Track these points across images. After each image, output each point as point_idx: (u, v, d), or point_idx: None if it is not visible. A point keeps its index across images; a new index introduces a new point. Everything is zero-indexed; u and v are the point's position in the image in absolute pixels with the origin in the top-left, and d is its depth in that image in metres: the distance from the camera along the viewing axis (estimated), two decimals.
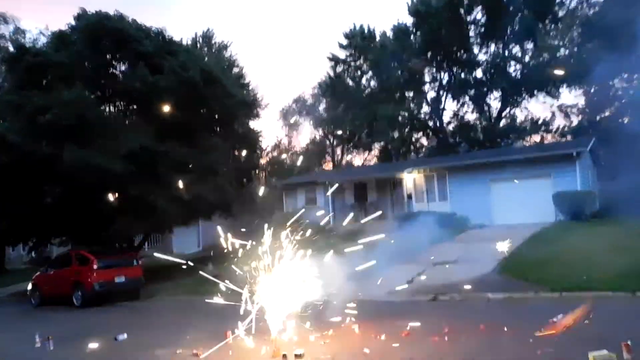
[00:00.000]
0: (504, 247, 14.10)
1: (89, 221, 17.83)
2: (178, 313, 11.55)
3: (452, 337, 6.92)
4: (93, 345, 8.41)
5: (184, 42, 28.14)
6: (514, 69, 33.33)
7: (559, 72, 27.80)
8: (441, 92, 34.88)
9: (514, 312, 8.51)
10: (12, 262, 34.70)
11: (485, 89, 33.23)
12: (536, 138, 34.12)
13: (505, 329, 7.00)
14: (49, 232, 19.39)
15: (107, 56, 20.69)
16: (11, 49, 26.94)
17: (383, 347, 6.86)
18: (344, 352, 6.54)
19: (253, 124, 27.40)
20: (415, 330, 7.49)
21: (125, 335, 8.93)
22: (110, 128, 18.80)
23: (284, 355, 6.64)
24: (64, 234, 19.91)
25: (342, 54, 35.27)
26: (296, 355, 6.59)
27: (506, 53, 32.87)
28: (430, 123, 35.69)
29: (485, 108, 34.24)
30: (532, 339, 6.44)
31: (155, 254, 13.74)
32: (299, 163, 38.85)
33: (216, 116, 22.15)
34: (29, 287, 17.00)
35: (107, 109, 20.90)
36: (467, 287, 10.74)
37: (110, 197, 16.74)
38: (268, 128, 64.15)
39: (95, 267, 14.85)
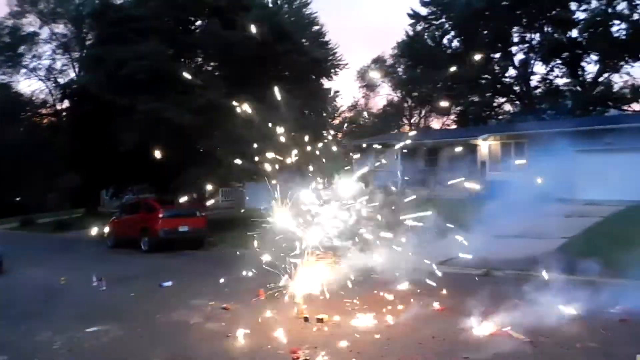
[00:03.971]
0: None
1: (160, 171, 18.70)
2: (229, 265, 11.81)
3: (489, 316, 6.45)
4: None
5: None
6: (617, 28, 29.83)
7: None
8: (530, 55, 32.23)
9: (564, 294, 7.74)
10: (105, 206, 37.92)
11: (580, 52, 30.19)
12: (637, 107, 30.77)
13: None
14: (126, 179, 20.66)
15: (183, 11, 21.10)
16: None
17: (408, 320, 6.55)
18: (369, 319, 6.32)
19: (328, 84, 27.11)
20: (452, 306, 7.08)
21: (170, 283, 9.34)
22: (182, 82, 19.33)
23: (306, 318, 6.56)
24: (138, 182, 21.15)
25: (423, 11, 33.48)
26: (318, 319, 6.49)
27: (609, 10, 29.37)
28: (516, 88, 33.27)
29: (579, 72, 31.23)
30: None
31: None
32: (371, 124, 38.08)
33: (287, 73, 22.04)
34: (106, 229, 18.33)
35: (181, 64, 21.47)
36: (525, 264, 10.06)
37: (179, 149, 17.38)
38: (346, 88, 63.26)
39: (160, 215, 15.66)
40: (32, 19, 33.49)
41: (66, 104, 31.01)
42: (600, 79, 30.71)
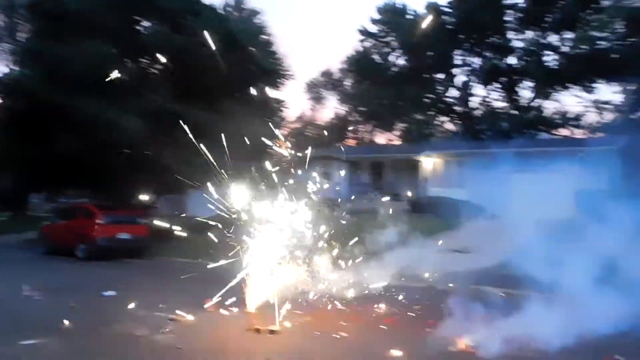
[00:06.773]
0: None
1: (100, 176, 17.93)
2: (173, 275, 11.56)
3: (436, 327, 6.64)
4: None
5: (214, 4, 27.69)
6: (551, 58, 31.99)
7: None
8: (471, 77, 33.85)
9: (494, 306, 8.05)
10: (34, 209, 35.67)
11: (517, 77, 32.05)
12: (565, 132, 33.01)
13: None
14: (63, 182, 19.64)
15: (129, 11, 20.44)
16: None
17: (361, 332, 6.63)
18: (323, 332, 6.33)
19: (275, 93, 27.09)
20: (403, 318, 7.25)
21: (112, 292, 8.94)
22: (128, 85, 18.69)
23: (257, 329, 6.48)
24: (77, 186, 20.17)
25: (373, 29, 34.35)
26: (270, 331, 6.43)
27: (541, 41, 31.44)
28: (457, 108, 34.77)
29: (515, 97, 33.12)
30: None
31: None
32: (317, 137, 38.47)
33: (236, 81, 21.84)
34: (38, 235, 17.28)
35: (128, 66, 20.76)
36: (469, 278, 10.47)
37: (123, 154, 16.76)
38: (293, 100, 63.51)
39: (99, 221, 14.97)
40: None
41: None
42: (534, 104, 32.71)
